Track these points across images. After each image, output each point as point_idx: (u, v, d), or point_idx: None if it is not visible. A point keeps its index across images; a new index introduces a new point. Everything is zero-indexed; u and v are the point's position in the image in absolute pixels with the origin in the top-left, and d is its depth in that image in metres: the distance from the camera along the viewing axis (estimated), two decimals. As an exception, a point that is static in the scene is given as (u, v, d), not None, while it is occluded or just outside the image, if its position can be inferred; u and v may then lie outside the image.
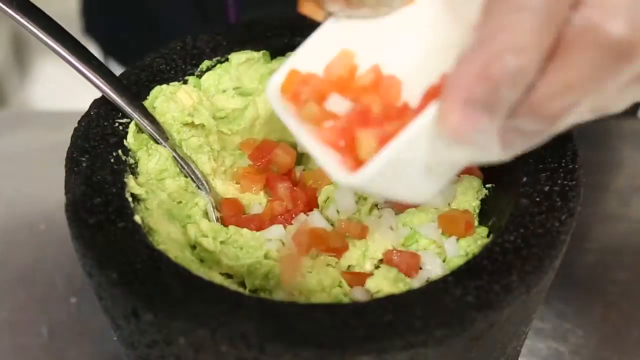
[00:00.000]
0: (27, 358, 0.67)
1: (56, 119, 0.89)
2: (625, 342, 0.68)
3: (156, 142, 0.55)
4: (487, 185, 0.57)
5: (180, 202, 0.56)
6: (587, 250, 0.74)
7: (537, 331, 0.68)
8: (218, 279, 0.52)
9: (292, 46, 0.61)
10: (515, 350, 0.52)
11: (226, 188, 0.59)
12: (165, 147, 0.55)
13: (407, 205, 0.56)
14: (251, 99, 0.61)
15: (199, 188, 0.56)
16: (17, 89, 1.74)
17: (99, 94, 0.55)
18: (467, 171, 0.58)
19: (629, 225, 0.77)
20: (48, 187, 0.76)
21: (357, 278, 0.52)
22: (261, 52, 0.61)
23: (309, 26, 0.62)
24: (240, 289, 0.51)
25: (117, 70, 0.57)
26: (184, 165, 0.56)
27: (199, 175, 0.56)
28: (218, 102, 0.60)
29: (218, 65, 0.60)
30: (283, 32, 0.62)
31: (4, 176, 0.82)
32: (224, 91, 0.60)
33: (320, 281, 0.51)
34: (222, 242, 0.53)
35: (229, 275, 0.53)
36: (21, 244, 0.76)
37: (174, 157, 0.55)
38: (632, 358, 0.67)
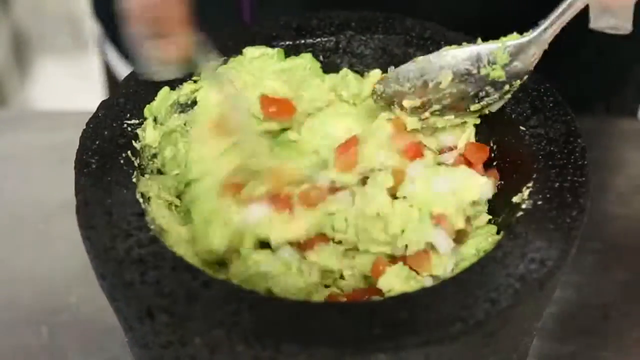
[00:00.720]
0: (27, 358, 0.67)
1: (56, 119, 0.89)
2: (625, 342, 0.68)
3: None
4: (497, 183, 0.57)
5: None
6: (587, 250, 0.74)
7: (537, 331, 0.68)
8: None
9: (296, 46, 0.61)
10: (526, 347, 0.52)
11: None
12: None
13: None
14: None
15: None
16: (17, 89, 1.74)
17: (98, 94, 0.55)
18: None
19: (629, 225, 0.77)
20: (48, 187, 0.76)
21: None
22: (276, 49, 0.61)
23: (315, 27, 0.62)
24: None
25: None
26: None
27: None
28: None
29: (232, 58, 0.60)
30: (288, 32, 0.62)
31: (4, 176, 0.82)
32: None
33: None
34: None
35: None
36: (21, 244, 0.76)
37: None
38: (632, 358, 0.67)
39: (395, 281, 0.51)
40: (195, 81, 0.59)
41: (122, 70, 0.93)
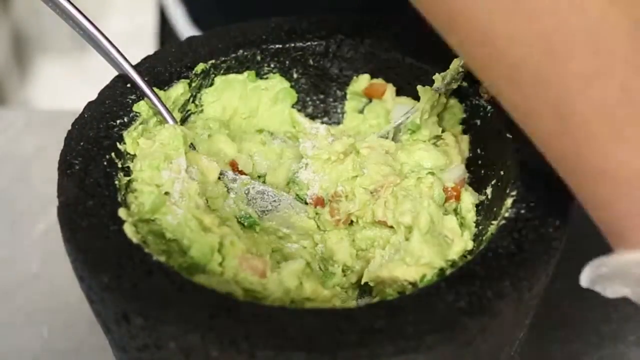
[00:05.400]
0: (27, 358, 0.67)
1: (56, 119, 0.89)
2: (625, 342, 0.68)
3: (163, 120, 0.56)
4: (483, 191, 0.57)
5: None
6: (587, 250, 0.74)
7: (536, 331, 0.68)
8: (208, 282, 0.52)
9: (287, 49, 0.61)
10: (510, 356, 0.51)
11: None
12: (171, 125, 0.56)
13: None
14: None
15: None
16: (17, 89, 1.74)
17: (96, 96, 0.55)
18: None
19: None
20: (48, 187, 0.76)
21: None
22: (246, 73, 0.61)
23: (305, 30, 0.62)
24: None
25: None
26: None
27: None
28: None
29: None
30: (278, 35, 0.62)
31: (4, 176, 0.82)
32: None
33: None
34: None
35: None
36: (21, 244, 0.76)
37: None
38: (632, 358, 0.67)
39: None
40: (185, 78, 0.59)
41: (186, 31, 0.94)
